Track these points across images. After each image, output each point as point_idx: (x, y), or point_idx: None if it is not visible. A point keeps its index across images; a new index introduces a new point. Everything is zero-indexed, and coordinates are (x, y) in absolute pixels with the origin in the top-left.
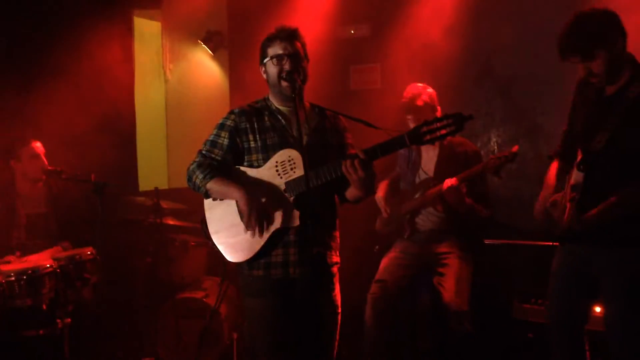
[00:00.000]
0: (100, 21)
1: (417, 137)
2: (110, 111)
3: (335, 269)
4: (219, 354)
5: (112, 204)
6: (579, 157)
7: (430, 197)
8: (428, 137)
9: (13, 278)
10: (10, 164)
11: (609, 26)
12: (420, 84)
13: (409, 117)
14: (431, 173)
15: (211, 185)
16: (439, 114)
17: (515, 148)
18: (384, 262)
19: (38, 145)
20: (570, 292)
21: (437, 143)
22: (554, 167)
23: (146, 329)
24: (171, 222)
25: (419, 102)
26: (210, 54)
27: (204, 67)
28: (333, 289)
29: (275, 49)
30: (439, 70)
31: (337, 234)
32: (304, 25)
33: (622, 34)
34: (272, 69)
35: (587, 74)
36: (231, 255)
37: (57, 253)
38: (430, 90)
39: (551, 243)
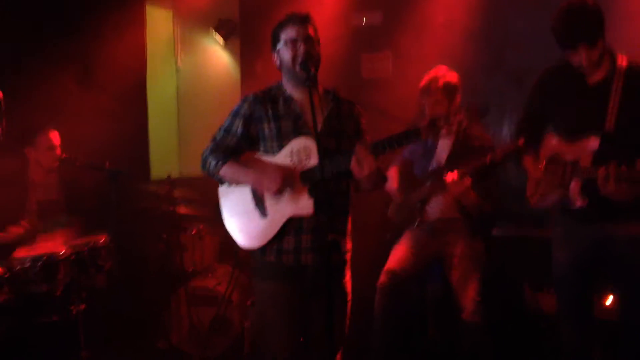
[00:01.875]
0: (113, 9)
1: (433, 130)
2: (123, 99)
3: (347, 257)
4: (230, 341)
5: (125, 192)
6: (593, 142)
7: (438, 187)
8: (444, 130)
9: (28, 264)
10: (25, 150)
11: (601, 15)
12: (444, 67)
13: (424, 100)
14: (444, 162)
15: (224, 171)
16: (458, 100)
17: (521, 141)
18: (394, 252)
19: (55, 135)
20: (578, 280)
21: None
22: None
23: (159, 316)
24: (183, 211)
25: (434, 86)
26: (221, 43)
27: (215, 55)
28: (344, 277)
29: (289, 33)
30: (451, 60)
31: (350, 220)
32: (315, 13)
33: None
34: (285, 53)
35: (587, 63)
36: (244, 241)
37: (71, 239)
38: (450, 75)
39: None
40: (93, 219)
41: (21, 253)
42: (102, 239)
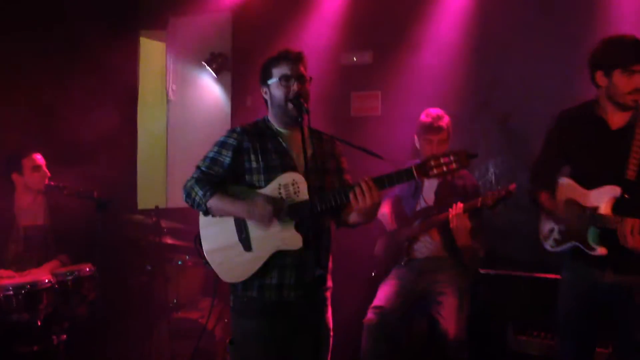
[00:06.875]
0: (108, 39)
1: (424, 171)
2: (113, 128)
3: (329, 293)
4: None
5: (111, 222)
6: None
7: (430, 224)
8: (435, 171)
9: (11, 292)
10: (12, 177)
11: None
12: (438, 109)
13: (430, 137)
14: (431, 202)
15: (213, 202)
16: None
17: (512, 186)
18: (381, 289)
19: (39, 157)
20: (585, 328)
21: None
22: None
23: (141, 347)
24: (169, 242)
25: (442, 123)
26: (213, 76)
27: (207, 88)
28: (326, 311)
29: (283, 70)
30: (439, 100)
31: (331, 257)
32: (307, 51)
33: None
34: (277, 90)
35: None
36: (226, 275)
37: (56, 268)
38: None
39: (549, 275)
40: (79, 247)
41: (3, 281)
42: (87, 269)
